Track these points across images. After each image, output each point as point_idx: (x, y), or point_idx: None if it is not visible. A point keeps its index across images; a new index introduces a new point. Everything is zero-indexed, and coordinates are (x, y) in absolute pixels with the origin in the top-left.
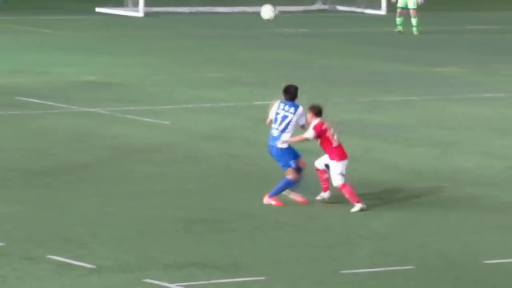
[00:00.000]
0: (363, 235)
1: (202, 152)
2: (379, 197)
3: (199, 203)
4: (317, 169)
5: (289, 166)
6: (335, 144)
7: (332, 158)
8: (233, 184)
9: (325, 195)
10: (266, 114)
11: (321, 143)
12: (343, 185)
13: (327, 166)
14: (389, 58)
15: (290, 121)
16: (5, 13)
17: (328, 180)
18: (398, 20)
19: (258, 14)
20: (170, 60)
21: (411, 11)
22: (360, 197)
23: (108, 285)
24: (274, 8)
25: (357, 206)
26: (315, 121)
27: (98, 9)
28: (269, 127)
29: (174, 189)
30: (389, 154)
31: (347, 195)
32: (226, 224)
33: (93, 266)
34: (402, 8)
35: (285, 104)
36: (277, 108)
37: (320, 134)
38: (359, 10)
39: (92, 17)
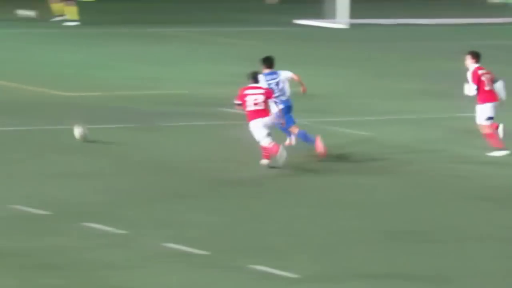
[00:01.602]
0: None
1: (404, 164)
2: None
3: (401, 213)
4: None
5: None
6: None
7: None
8: (437, 196)
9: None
10: (467, 126)
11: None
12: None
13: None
14: None
15: (282, 83)
16: (208, 25)
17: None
18: None
19: (464, 25)
20: (370, 72)
21: None
22: None
23: None
24: (82, 130)
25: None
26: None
27: (296, 21)
28: (477, 140)
29: (376, 200)
30: None
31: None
32: (430, 235)
33: (296, 276)
34: None
35: (267, 75)
36: (264, 81)
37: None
38: None
39: (291, 29)
